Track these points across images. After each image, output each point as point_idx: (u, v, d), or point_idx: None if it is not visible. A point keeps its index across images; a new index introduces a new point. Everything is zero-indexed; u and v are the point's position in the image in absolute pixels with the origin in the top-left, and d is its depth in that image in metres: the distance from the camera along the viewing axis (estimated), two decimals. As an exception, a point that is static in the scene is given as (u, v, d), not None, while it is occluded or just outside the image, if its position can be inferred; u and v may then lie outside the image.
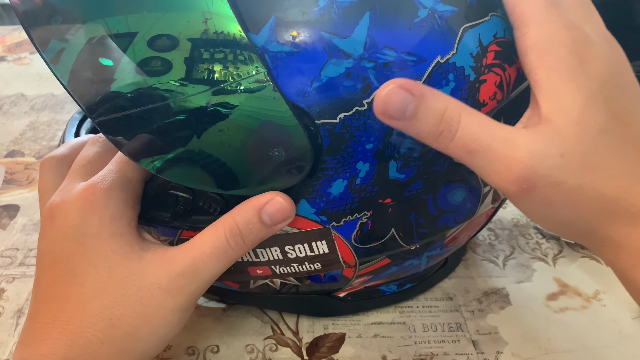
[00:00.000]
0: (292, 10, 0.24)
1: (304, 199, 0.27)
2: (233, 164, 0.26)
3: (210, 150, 0.25)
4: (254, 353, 0.34)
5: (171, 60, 0.24)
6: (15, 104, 0.65)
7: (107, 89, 0.24)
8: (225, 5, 0.24)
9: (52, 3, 0.26)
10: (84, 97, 0.25)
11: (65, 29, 0.25)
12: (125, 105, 0.24)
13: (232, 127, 0.24)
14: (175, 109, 0.24)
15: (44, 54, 0.25)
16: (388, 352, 0.34)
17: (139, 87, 0.24)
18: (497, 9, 0.27)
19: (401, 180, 0.27)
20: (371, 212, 0.27)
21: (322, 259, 0.29)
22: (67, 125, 0.41)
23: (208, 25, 0.24)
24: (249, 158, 0.25)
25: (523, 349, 0.34)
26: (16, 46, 0.78)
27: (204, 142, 0.25)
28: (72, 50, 0.25)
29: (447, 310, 0.37)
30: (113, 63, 0.24)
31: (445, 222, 0.29)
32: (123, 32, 0.24)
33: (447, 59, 0.25)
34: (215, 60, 0.24)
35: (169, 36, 0.24)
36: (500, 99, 0.27)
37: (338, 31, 0.24)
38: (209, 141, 0.25)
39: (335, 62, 0.24)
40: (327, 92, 0.24)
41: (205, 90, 0.24)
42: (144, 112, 0.24)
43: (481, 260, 0.42)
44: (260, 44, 0.24)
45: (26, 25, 0.25)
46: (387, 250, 0.30)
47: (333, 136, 0.25)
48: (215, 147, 0.25)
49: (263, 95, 0.24)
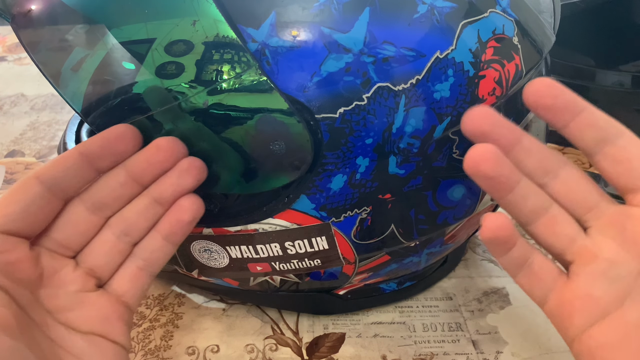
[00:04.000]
0: (293, 6, 0.24)
1: (304, 194, 0.27)
2: (233, 163, 0.26)
3: (210, 150, 0.26)
4: (254, 353, 0.34)
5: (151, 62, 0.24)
6: (16, 104, 0.65)
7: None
8: (211, 6, 0.24)
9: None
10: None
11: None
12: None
13: (230, 125, 0.25)
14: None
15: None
16: (388, 352, 0.34)
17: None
18: (496, 5, 0.27)
19: (401, 176, 0.27)
20: (371, 208, 0.27)
21: (322, 255, 0.29)
22: (68, 125, 0.41)
23: (197, 27, 0.24)
24: (250, 154, 0.25)
25: (523, 348, 0.34)
26: (16, 46, 0.79)
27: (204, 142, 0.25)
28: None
29: (447, 310, 0.37)
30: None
31: (445, 218, 0.29)
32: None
33: (447, 54, 0.25)
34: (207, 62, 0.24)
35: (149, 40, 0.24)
36: (500, 95, 0.27)
37: (338, 26, 0.24)
38: (209, 141, 0.25)
39: (335, 57, 0.24)
40: (327, 87, 0.24)
41: (201, 91, 0.24)
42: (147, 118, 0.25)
43: (481, 260, 0.42)
44: (260, 39, 0.24)
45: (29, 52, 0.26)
46: (387, 247, 0.30)
47: (333, 131, 0.25)
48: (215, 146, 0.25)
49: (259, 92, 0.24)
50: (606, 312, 0.23)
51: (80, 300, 0.25)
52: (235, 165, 0.26)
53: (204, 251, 0.30)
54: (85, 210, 0.25)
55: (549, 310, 0.25)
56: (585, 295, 0.24)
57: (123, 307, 0.26)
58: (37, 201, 0.24)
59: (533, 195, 0.24)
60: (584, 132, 0.23)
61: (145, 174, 0.25)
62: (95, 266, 0.26)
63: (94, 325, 0.25)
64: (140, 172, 0.25)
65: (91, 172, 0.25)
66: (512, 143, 0.23)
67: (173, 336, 0.35)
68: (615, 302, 0.23)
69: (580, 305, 0.24)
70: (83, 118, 0.26)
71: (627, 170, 0.23)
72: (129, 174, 0.25)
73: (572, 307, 0.24)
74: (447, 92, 0.25)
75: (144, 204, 0.26)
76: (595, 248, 0.24)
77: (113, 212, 0.26)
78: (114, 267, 0.26)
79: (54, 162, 0.24)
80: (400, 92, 0.25)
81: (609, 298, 0.23)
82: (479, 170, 0.23)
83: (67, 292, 0.25)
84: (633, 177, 0.23)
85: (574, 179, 0.24)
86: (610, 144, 0.23)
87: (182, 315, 0.37)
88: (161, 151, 0.25)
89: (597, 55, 0.48)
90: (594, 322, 0.23)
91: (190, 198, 0.26)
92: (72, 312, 0.25)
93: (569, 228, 0.24)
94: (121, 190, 0.25)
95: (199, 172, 0.25)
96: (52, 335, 0.24)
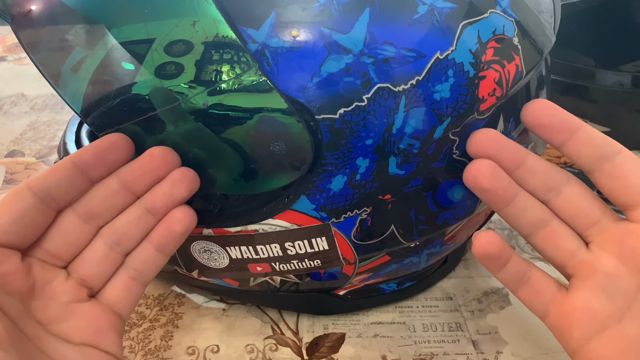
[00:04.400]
0: (293, 7, 0.24)
1: (304, 195, 0.27)
2: (233, 163, 0.26)
3: (210, 151, 0.26)
4: (254, 353, 0.34)
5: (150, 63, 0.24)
6: (16, 104, 0.65)
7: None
8: (211, 7, 0.24)
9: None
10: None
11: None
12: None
13: (230, 125, 0.25)
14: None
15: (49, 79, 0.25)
16: (388, 352, 0.34)
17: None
18: (496, 6, 0.27)
19: (401, 176, 0.27)
20: (371, 209, 0.27)
21: (322, 255, 0.29)
22: (68, 125, 0.41)
23: (197, 28, 0.24)
24: (250, 155, 0.25)
25: (523, 349, 0.34)
26: (16, 46, 0.79)
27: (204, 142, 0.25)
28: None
29: (447, 310, 0.37)
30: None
31: (445, 218, 0.29)
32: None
33: (447, 55, 0.25)
34: (206, 62, 0.24)
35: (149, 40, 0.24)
36: (500, 95, 0.27)
37: (338, 27, 0.24)
38: (209, 141, 0.25)
39: (335, 58, 0.24)
40: (327, 88, 0.24)
41: (201, 91, 0.24)
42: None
43: (481, 260, 0.42)
44: (260, 40, 0.24)
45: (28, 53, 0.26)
46: (387, 247, 0.30)
47: (333, 132, 0.25)
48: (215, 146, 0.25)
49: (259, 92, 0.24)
50: (605, 326, 0.24)
51: (72, 311, 0.25)
52: (235, 166, 0.26)
53: (204, 251, 0.30)
54: (78, 219, 0.25)
55: (550, 323, 0.26)
56: (584, 308, 0.24)
57: (115, 317, 0.26)
58: (29, 212, 0.24)
59: (532, 208, 0.25)
60: (581, 150, 0.24)
61: (138, 182, 0.25)
62: (87, 276, 0.26)
63: (86, 336, 0.25)
64: (133, 180, 0.25)
65: (84, 181, 0.25)
66: (516, 164, 0.25)
67: (173, 336, 0.35)
68: (614, 316, 0.24)
69: (579, 318, 0.24)
70: (83, 118, 0.26)
71: (624, 187, 0.24)
72: (122, 182, 0.25)
73: (572, 320, 0.25)
74: (447, 92, 0.25)
75: (136, 214, 0.26)
76: (594, 262, 0.24)
77: (105, 221, 0.26)
78: (105, 277, 0.26)
79: (47, 172, 0.24)
80: (400, 93, 0.25)
81: (608, 312, 0.24)
82: (476, 183, 0.24)
83: (58, 303, 0.25)
84: (630, 193, 0.23)
85: (577, 196, 0.25)
86: (607, 162, 0.24)
87: (182, 315, 0.37)
88: (154, 159, 0.25)
89: (597, 55, 0.48)
90: (593, 335, 0.24)
91: (182, 209, 0.26)
92: (64, 323, 0.25)
93: (570, 242, 0.25)
94: (114, 199, 0.25)
95: (191, 182, 0.25)
96: (44, 347, 0.24)
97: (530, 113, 0.25)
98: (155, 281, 0.40)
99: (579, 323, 0.24)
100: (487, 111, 0.27)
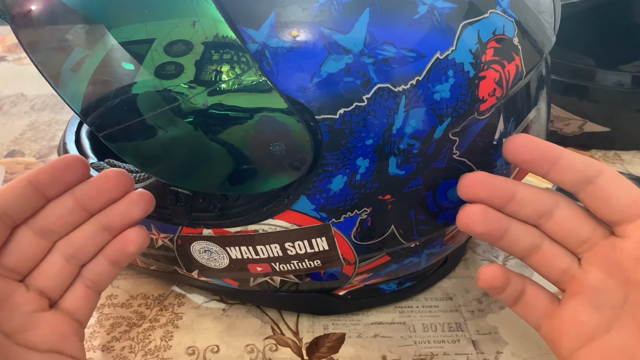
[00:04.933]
0: (292, 7, 0.24)
1: (304, 195, 0.27)
2: (233, 163, 0.26)
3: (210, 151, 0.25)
4: (254, 353, 0.34)
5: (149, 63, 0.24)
6: (16, 104, 0.65)
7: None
8: (211, 7, 0.24)
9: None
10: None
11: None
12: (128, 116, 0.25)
13: (230, 125, 0.25)
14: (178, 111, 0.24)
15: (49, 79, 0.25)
16: (388, 352, 0.34)
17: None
18: (497, 6, 0.27)
19: (401, 177, 0.27)
20: (371, 209, 0.27)
21: (322, 256, 0.29)
22: (68, 125, 0.41)
23: (196, 28, 0.24)
24: (250, 155, 0.25)
25: (523, 349, 0.34)
26: (16, 46, 0.79)
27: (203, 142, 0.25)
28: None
29: (447, 310, 0.37)
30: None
31: (445, 219, 0.29)
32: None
33: (447, 55, 0.25)
34: (206, 62, 0.24)
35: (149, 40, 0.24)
36: (500, 95, 0.27)
37: (338, 27, 0.24)
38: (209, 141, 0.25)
39: (335, 58, 0.24)
40: (327, 88, 0.24)
41: (201, 91, 0.24)
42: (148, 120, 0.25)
43: (481, 260, 0.42)
44: (260, 40, 0.24)
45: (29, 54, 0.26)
46: (387, 248, 0.30)
47: (333, 132, 0.25)
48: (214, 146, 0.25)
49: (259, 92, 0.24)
50: (592, 337, 0.25)
51: (37, 320, 0.26)
52: (235, 166, 0.26)
53: (204, 252, 0.30)
54: (34, 235, 0.26)
55: (543, 334, 0.28)
56: (572, 320, 0.26)
57: (76, 324, 0.27)
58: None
59: (523, 237, 0.26)
60: (563, 176, 0.25)
61: (93, 202, 0.26)
62: (46, 287, 0.27)
63: (52, 343, 0.26)
64: (88, 200, 0.26)
65: (40, 199, 0.26)
66: (507, 200, 0.26)
67: (173, 336, 0.35)
68: (602, 326, 0.25)
69: (568, 330, 0.26)
70: (82, 119, 0.26)
71: (607, 206, 0.25)
72: (77, 201, 0.26)
73: (561, 332, 0.26)
74: (447, 93, 0.25)
75: (92, 230, 0.27)
76: (583, 277, 0.26)
77: (60, 237, 0.27)
78: (63, 287, 0.27)
79: (3, 191, 0.25)
80: (400, 93, 0.25)
81: (595, 323, 0.25)
82: (470, 229, 0.26)
83: (22, 313, 0.26)
84: (612, 212, 0.25)
85: (567, 217, 0.26)
86: (589, 184, 0.25)
87: (182, 315, 0.37)
88: (109, 181, 0.26)
89: (597, 55, 0.48)
90: (580, 345, 0.26)
91: (135, 230, 0.27)
92: (30, 332, 0.26)
93: (561, 261, 0.27)
94: (69, 216, 0.26)
95: (147, 204, 0.27)
96: (12, 358, 0.25)
97: (511, 151, 0.26)
98: (155, 281, 0.40)
99: (567, 334, 0.26)
100: (487, 111, 0.27)
